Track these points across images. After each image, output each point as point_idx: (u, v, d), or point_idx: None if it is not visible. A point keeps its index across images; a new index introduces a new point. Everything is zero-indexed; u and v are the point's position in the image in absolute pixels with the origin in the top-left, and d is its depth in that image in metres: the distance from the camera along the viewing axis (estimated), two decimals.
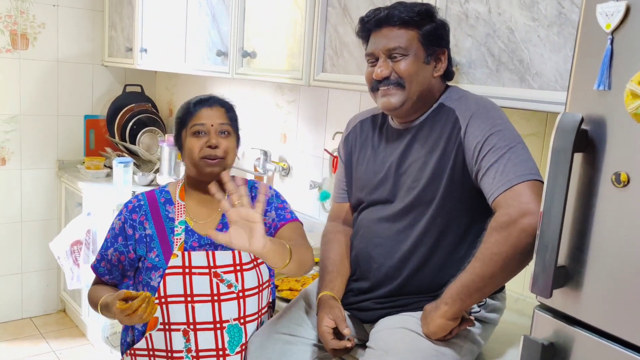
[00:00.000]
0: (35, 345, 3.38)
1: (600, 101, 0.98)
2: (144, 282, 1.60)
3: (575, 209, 1.02)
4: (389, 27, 1.47)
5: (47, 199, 3.67)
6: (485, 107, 1.42)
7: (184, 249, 1.58)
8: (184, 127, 1.60)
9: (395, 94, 1.47)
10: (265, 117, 3.03)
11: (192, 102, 1.62)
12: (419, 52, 1.46)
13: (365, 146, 1.64)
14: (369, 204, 1.59)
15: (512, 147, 1.34)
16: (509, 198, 1.30)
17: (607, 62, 0.95)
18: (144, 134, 3.64)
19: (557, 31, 1.40)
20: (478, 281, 1.31)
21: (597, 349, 0.99)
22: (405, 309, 1.48)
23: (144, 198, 1.65)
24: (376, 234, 1.54)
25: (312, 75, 2.13)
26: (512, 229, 1.27)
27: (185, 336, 1.56)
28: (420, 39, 1.46)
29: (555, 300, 1.05)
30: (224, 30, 2.58)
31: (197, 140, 1.57)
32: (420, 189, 1.46)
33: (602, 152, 0.98)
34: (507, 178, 1.31)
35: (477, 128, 1.39)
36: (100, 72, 3.75)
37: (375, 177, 1.57)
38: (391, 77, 1.47)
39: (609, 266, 0.98)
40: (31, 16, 3.43)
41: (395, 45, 1.46)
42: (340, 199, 1.73)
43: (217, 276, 1.57)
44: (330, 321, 1.47)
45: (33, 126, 3.54)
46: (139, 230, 1.61)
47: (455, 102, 1.47)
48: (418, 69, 1.46)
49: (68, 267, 3.18)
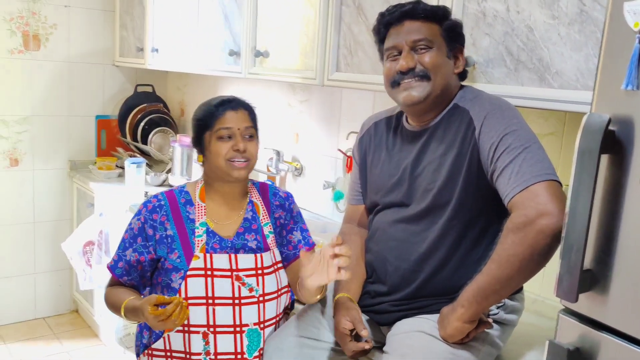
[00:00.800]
0: (48, 346, 3.39)
1: (628, 101, 0.95)
2: (163, 284, 1.59)
3: (601, 211, 1.00)
4: (412, 20, 1.47)
5: (59, 199, 3.67)
6: (500, 107, 1.41)
7: (205, 251, 1.57)
8: (208, 129, 1.57)
9: (419, 86, 1.46)
10: (278, 117, 3.02)
11: (213, 104, 1.59)
12: (442, 46, 1.47)
13: (380, 148, 1.62)
14: (384, 207, 1.58)
15: (527, 147, 1.32)
16: (525, 198, 1.28)
17: (635, 62, 0.93)
18: (156, 134, 3.64)
19: (579, 29, 1.37)
20: (494, 283, 1.29)
21: (625, 354, 0.97)
22: (422, 312, 1.47)
23: (164, 198, 1.62)
24: (392, 237, 1.52)
25: (326, 75, 2.12)
26: (528, 230, 1.25)
27: (204, 339, 1.55)
28: (442, 34, 1.47)
29: (580, 305, 1.03)
30: (236, 30, 2.57)
31: (224, 144, 1.55)
32: (436, 191, 1.44)
33: (630, 153, 0.95)
34: (523, 178, 1.29)
35: (492, 128, 1.37)
36: (112, 72, 3.75)
37: (390, 179, 1.55)
38: (416, 68, 1.46)
39: (637, 270, 0.95)
40: (43, 17, 3.44)
41: (421, 37, 1.45)
42: (355, 201, 1.72)
43: (239, 279, 1.56)
44: (348, 323, 1.46)
45: (45, 127, 3.55)
46: (159, 231, 1.59)
47: (469, 103, 1.46)
48: (443, 61, 1.47)
49: (80, 268, 3.18)
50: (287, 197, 1.72)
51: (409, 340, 1.38)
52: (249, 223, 1.63)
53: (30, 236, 3.61)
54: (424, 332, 1.39)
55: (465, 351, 1.37)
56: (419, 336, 1.39)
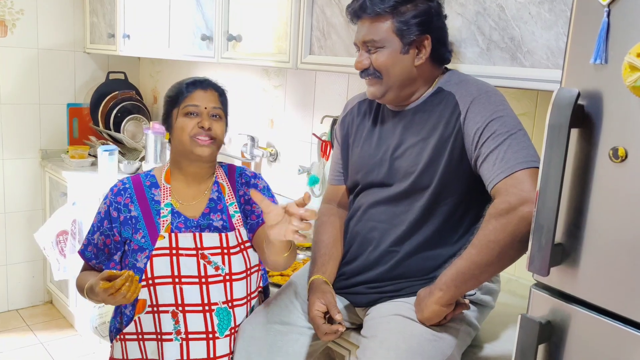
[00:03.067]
0: (22, 337, 3.34)
1: (596, 75, 0.96)
2: (130, 265, 1.58)
3: (571, 185, 1.01)
4: (365, 18, 1.46)
5: (30, 189, 3.61)
6: (486, 92, 1.40)
7: (170, 231, 1.57)
8: (176, 106, 1.59)
9: (375, 84, 1.48)
10: (252, 102, 3.00)
11: (185, 82, 1.61)
12: (394, 44, 1.44)
13: (362, 128, 1.62)
14: (364, 187, 1.57)
15: (513, 133, 1.33)
16: (509, 185, 1.28)
17: (603, 36, 0.94)
18: (129, 122, 3.59)
19: (549, 8, 1.38)
20: (474, 268, 1.30)
21: (595, 326, 0.99)
22: (398, 294, 1.47)
23: (129, 181, 1.65)
24: (372, 217, 1.52)
25: (299, 58, 2.10)
26: (511, 216, 1.25)
27: (174, 318, 1.55)
28: (395, 31, 1.43)
29: (552, 278, 1.04)
30: (208, 14, 2.53)
31: (189, 120, 1.56)
32: (417, 174, 1.44)
33: (599, 127, 0.96)
34: (507, 165, 1.30)
35: (478, 114, 1.37)
36: (83, 59, 3.68)
37: (371, 159, 1.55)
38: (369, 68, 1.47)
39: (606, 242, 0.97)
40: (9, 2, 3.35)
41: (370, 38, 1.45)
42: (336, 181, 1.71)
43: (204, 258, 1.56)
44: (321, 306, 1.46)
45: (14, 115, 3.47)
46: (123, 213, 1.60)
47: (455, 86, 1.45)
48: (395, 60, 1.45)
49: (54, 258, 3.13)
50: (253, 175, 1.72)
51: (387, 325, 1.38)
52: (215, 203, 1.63)
53: (2, 227, 3.54)
54: (401, 316, 1.39)
55: (444, 332, 1.37)
56: (397, 319, 1.39)
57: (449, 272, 1.33)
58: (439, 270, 1.39)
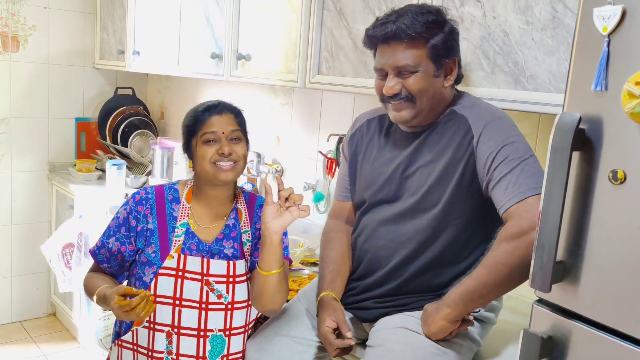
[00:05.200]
0: (26, 349, 3.36)
1: (597, 101, 1.01)
2: (137, 276, 1.60)
3: (573, 205, 1.05)
4: (396, 42, 1.44)
5: (38, 201, 3.65)
6: (499, 117, 1.43)
7: (180, 251, 1.57)
8: (194, 135, 1.57)
9: (406, 108, 1.47)
10: (259, 120, 3.05)
11: (200, 110, 1.58)
12: (428, 68, 1.45)
13: (372, 146, 1.64)
14: (373, 204, 1.60)
15: (525, 159, 1.36)
16: (521, 210, 1.31)
17: (603, 64, 0.99)
18: (136, 137, 3.64)
19: (551, 34, 1.43)
20: (482, 288, 1.34)
21: (595, 341, 1.02)
22: (405, 309, 1.50)
23: (152, 192, 1.63)
24: (380, 236, 1.55)
25: (307, 78, 2.16)
26: (522, 240, 1.28)
27: (168, 338, 1.56)
28: (429, 55, 1.44)
29: (553, 295, 1.08)
30: (218, 33, 2.59)
31: (209, 148, 1.54)
32: (423, 192, 1.47)
33: (599, 150, 1.01)
34: (519, 190, 1.33)
35: (491, 138, 1.39)
36: (92, 74, 3.74)
37: (380, 177, 1.57)
38: (402, 92, 1.46)
39: (606, 260, 1.01)
40: (22, 18, 3.42)
41: (404, 63, 1.44)
42: (342, 197, 1.73)
43: (208, 284, 1.56)
44: (332, 322, 1.48)
45: (24, 128, 3.53)
46: (141, 223, 1.60)
47: (467, 110, 1.47)
48: (428, 84, 1.46)
49: (60, 270, 3.16)
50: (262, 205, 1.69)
51: (394, 336, 1.41)
52: (230, 230, 1.63)
53: (7, 238, 3.58)
54: (406, 329, 1.42)
55: (448, 347, 1.40)
56: (403, 332, 1.42)
57: (457, 290, 1.36)
58: (445, 287, 1.43)
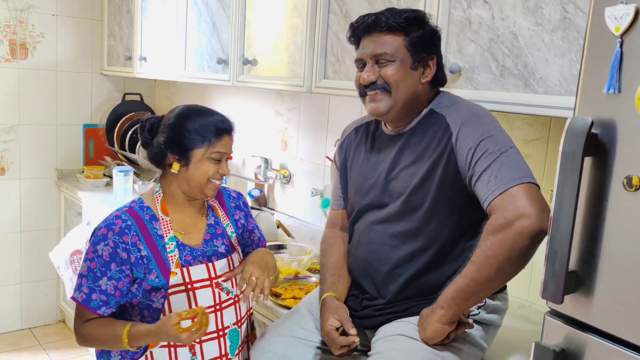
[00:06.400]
0: (35, 356, 3.35)
1: (610, 104, 0.97)
2: (142, 305, 1.53)
3: (585, 213, 1.01)
4: (376, 33, 1.47)
5: (46, 208, 3.65)
6: (476, 113, 1.43)
7: (180, 265, 1.53)
8: (202, 147, 1.52)
9: (382, 99, 1.48)
10: (266, 125, 3.03)
11: (216, 127, 1.54)
12: (405, 59, 1.46)
13: (359, 152, 1.65)
14: (361, 210, 1.60)
15: (504, 151, 1.35)
16: (504, 202, 1.30)
17: (616, 66, 0.95)
18: None
19: (562, 35, 1.39)
20: (473, 285, 1.32)
21: (610, 355, 0.98)
22: (405, 314, 1.48)
23: (129, 218, 1.52)
24: (371, 240, 1.55)
25: (313, 82, 2.13)
26: (508, 231, 1.27)
27: (191, 350, 1.53)
28: (407, 46, 1.46)
29: (566, 306, 1.04)
30: (224, 38, 2.58)
31: (213, 166, 1.53)
32: (408, 193, 1.46)
33: (612, 155, 0.97)
34: (501, 182, 1.32)
35: (469, 134, 1.39)
36: (99, 81, 3.74)
37: (366, 182, 1.58)
38: (378, 81, 1.48)
39: (621, 270, 0.97)
40: (30, 26, 3.43)
41: (382, 51, 1.46)
42: (337, 205, 1.75)
43: (218, 286, 1.56)
44: (335, 321, 1.48)
45: (32, 135, 3.53)
46: (133, 253, 1.50)
47: (445, 109, 1.47)
48: (404, 75, 1.47)
49: (68, 277, 3.14)
50: (238, 196, 1.76)
51: (392, 344, 1.40)
52: (214, 229, 1.64)
53: (17, 246, 3.58)
54: (404, 336, 1.40)
55: (446, 351, 1.38)
56: (401, 339, 1.40)
57: (449, 290, 1.35)
58: (442, 288, 1.40)
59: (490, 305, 1.49)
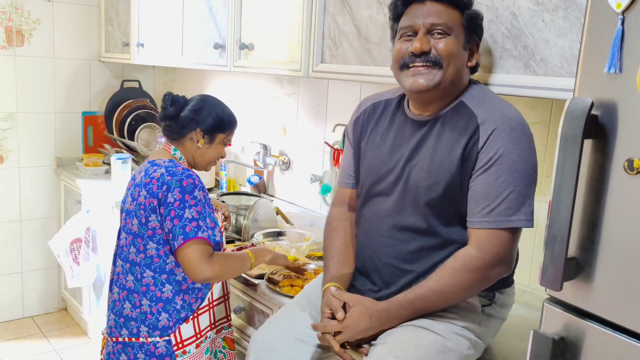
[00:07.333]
0: (37, 344, 3.35)
1: (610, 85, 0.94)
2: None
3: (585, 197, 0.98)
4: (434, 2, 1.39)
5: (46, 197, 3.63)
6: (510, 123, 1.34)
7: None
8: (223, 132, 1.84)
9: (429, 73, 1.38)
10: (265, 111, 2.99)
11: (235, 118, 1.88)
12: (460, 35, 1.39)
13: (376, 132, 1.55)
14: (373, 195, 1.52)
15: (516, 184, 1.31)
16: (489, 241, 1.33)
17: (617, 44, 0.91)
18: (143, 130, 3.60)
19: (563, 15, 1.35)
20: (428, 305, 1.38)
21: (610, 343, 0.96)
22: None
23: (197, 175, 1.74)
24: (380, 231, 1.49)
25: (311, 67, 2.09)
26: (482, 274, 1.34)
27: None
28: (463, 22, 1.40)
29: (565, 293, 1.01)
30: (221, 23, 2.54)
31: (222, 150, 1.87)
32: (425, 187, 1.40)
33: (613, 137, 0.94)
34: (496, 218, 1.32)
35: (494, 146, 1.33)
36: (97, 68, 3.70)
37: (382, 167, 1.50)
38: (430, 53, 1.38)
39: (622, 256, 0.94)
40: (26, 12, 3.39)
41: (442, 21, 1.37)
42: (346, 184, 1.65)
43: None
44: (328, 312, 1.45)
45: (30, 124, 3.51)
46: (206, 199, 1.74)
47: (478, 106, 1.39)
48: (458, 51, 1.39)
49: (68, 266, 3.15)
50: None
51: (398, 334, 1.36)
52: None
53: (18, 234, 3.57)
54: (413, 325, 1.38)
55: (454, 344, 1.35)
56: (408, 329, 1.37)
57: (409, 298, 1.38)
58: None
59: (499, 300, 1.47)
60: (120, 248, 1.79)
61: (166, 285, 1.69)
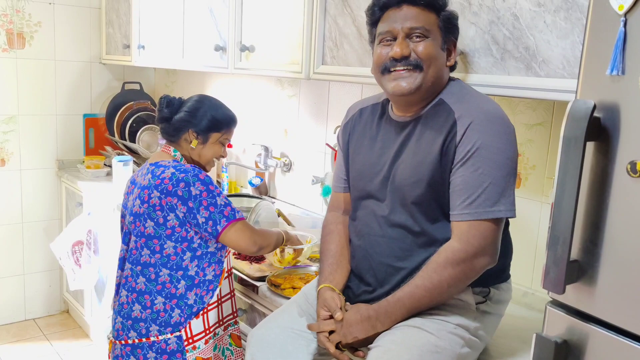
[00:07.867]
0: (39, 347, 3.35)
1: (613, 87, 0.93)
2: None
3: (587, 200, 0.98)
4: (410, 6, 1.41)
5: (47, 199, 3.63)
6: (486, 116, 1.36)
7: None
8: (219, 131, 1.86)
9: (410, 76, 1.40)
10: (266, 112, 2.99)
11: (232, 118, 1.90)
12: (437, 38, 1.42)
13: (364, 135, 1.59)
14: (363, 196, 1.56)
15: (495, 175, 1.32)
16: (471, 234, 1.33)
17: (620, 46, 0.91)
18: (144, 132, 3.60)
19: (564, 16, 1.35)
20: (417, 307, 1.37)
21: (613, 346, 0.95)
22: None
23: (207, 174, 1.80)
24: (373, 231, 1.51)
25: (312, 68, 2.09)
26: (466, 266, 1.33)
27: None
28: (439, 24, 1.42)
29: (568, 296, 1.01)
30: (221, 25, 2.53)
31: (220, 149, 1.89)
32: (409, 186, 1.42)
33: (616, 140, 0.93)
34: (476, 209, 1.33)
35: (471, 139, 1.34)
36: (99, 70, 3.70)
37: (371, 169, 1.53)
38: (410, 57, 1.40)
39: (625, 259, 0.93)
40: (27, 15, 3.39)
41: (419, 25, 1.40)
42: (339, 188, 1.69)
43: None
44: (325, 313, 1.47)
45: (32, 126, 3.51)
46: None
47: (457, 103, 1.41)
48: (437, 53, 1.42)
49: (69, 268, 3.15)
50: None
51: (392, 336, 1.37)
52: None
53: (19, 237, 3.57)
54: (407, 325, 1.38)
55: (447, 344, 1.35)
56: (403, 329, 1.37)
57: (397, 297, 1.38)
58: None
59: (494, 295, 1.47)
60: (129, 252, 1.79)
61: (181, 281, 1.73)
